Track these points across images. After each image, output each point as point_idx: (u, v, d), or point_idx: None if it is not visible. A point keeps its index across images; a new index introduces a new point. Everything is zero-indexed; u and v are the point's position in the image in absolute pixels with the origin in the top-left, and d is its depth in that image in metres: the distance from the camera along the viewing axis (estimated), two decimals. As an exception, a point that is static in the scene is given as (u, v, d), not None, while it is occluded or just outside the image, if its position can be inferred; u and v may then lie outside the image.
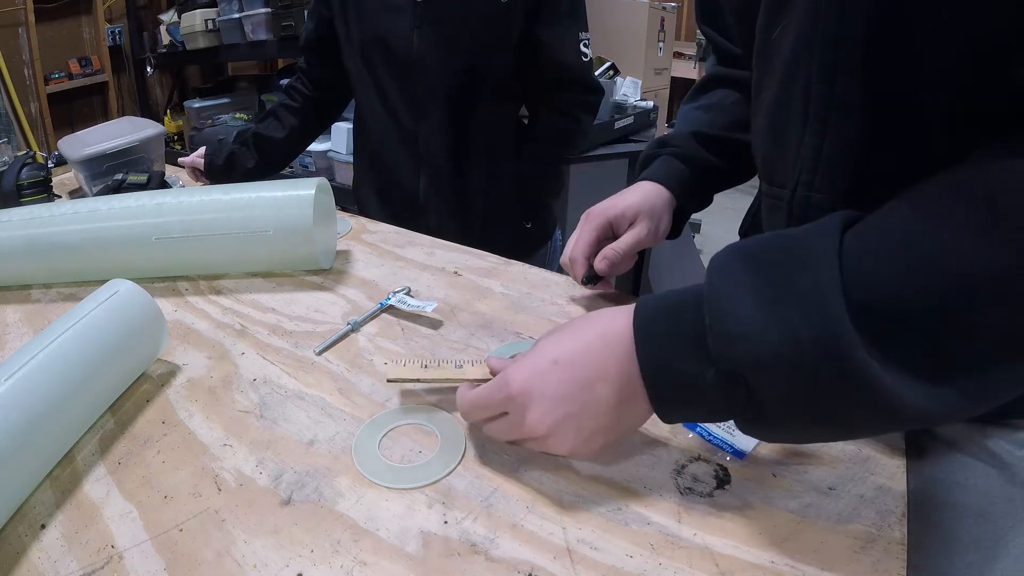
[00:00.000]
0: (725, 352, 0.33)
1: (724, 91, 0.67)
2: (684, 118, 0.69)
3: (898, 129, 0.39)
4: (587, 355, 0.39)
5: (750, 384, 0.33)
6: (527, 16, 0.99)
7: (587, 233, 0.62)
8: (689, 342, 0.34)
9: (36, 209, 0.72)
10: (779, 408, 0.33)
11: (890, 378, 0.29)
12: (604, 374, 0.38)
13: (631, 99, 2.16)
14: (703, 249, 2.79)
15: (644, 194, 0.63)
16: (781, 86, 0.44)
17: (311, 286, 0.71)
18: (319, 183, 0.70)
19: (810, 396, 0.31)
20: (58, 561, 0.37)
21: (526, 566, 0.36)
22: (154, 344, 0.55)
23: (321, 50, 1.12)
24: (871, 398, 0.30)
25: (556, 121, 1.10)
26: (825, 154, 0.42)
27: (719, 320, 0.33)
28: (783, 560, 0.36)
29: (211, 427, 0.48)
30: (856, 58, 0.38)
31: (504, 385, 0.41)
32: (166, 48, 2.82)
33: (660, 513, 0.39)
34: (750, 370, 0.32)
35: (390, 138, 1.07)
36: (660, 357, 0.36)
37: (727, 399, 0.34)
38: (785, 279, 0.32)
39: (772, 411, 0.33)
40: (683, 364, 0.35)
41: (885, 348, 0.29)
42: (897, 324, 0.30)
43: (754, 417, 0.34)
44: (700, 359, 0.34)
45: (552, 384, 0.39)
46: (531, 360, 0.41)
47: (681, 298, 0.36)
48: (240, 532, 0.39)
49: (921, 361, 0.30)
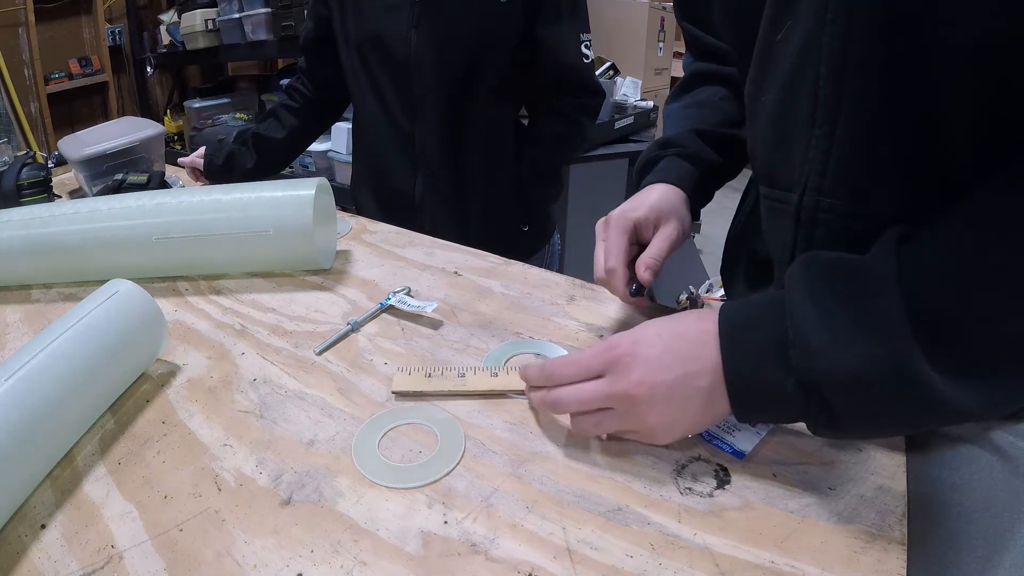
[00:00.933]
0: (805, 365, 0.36)
1: (711, 88, 0.67)
2: (676, 117, 0.67)
3: (910, 131, 0.39)
4: (687, 340, 0.41)
5: (825, 394, 0.36)
6: (527, 15, 0.99)
7: (618, 240, 0.57)
8: (772, 352, 0.37)
9: (36, 209, 0.72)
10: (850, 416, 0.36)
11: (947, 386, 0.33)
12: (701, 360, 0.40)
13: (631, 99, 2.16)
14: (703, 249, 2.79)
15: (662, 195, 0.60)
16: (785, 89, 0.44)
17: (311, 286, 0.71)
18: (319, 183, 0.70)
19: (878, 406, 0.35)
20: (58, 561, 0.37)
21: (526, 566, 0.36)
22: (154, 344, 0.55)
23: (320, 50, 1.11)
24: (930, 405, 0.34)
25: (556, 125, 1.10)
26: (835, 157, 0.42)
27: (800, 336, 0.36)
28: (783, 560, 0.36)
29: (211, 427, 0.48)
30: (866, 58, 0.38)
31: (612, 346, 0.42)
32: (166, 48, 2.82)
33: (660, 513, 0.39)
34: (827, 383, 0.35)
35: (387, 139, 1.07)
36: (744, 364, 0.39)
37: (803, 406, 0.37)
38: (856, 302, 0.35)
39: (843, 418, 0.36)
40: (766, 372, 0.38)
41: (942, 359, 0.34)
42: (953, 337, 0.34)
43: (826, 423, 0.37)
44: (781, 368, 0.37)
45: (658, 351, 0.41)
46: (637, 331, 0.43)
47: (764, 308, 0.39)
48: (240, 532, 0.39)
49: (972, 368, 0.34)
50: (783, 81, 0.44)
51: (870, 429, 0.39)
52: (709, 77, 0.67)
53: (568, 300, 0.65)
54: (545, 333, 0.59)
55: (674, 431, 0.42)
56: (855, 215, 0.43)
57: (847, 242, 0.42)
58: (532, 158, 1.10)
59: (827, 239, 0.45)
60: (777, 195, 0.48)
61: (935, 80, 0.37)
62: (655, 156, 0.65)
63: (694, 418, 0.41)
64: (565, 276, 0.70)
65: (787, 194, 0.46)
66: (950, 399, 0.33)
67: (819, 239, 0.45)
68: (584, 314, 0.62)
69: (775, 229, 0.49)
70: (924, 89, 0.37)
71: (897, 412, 0.35)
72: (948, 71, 0.36)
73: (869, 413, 0.36)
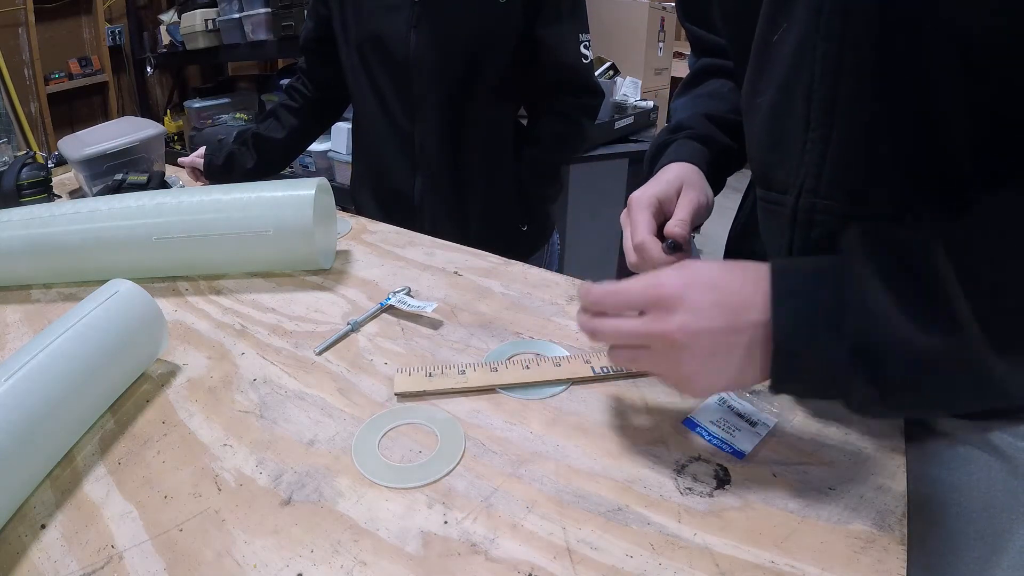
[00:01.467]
0: (862, 331, 0.35)
1: (718, 81, 0.66)
2: (683, 107, 0.67)
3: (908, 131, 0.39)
4: (738, 293, 0.39)
5: (878, 364, 0.35)
6: (526, 15, 0.99)
7: (644, 217, 0.55)
8: (827, 316, 0.36)
9: (36, 209, 0.72)
10: (898, 388, 0.35)
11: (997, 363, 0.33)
12: (749, 316, 0.38)
13: (631, 99, 2.16)
14: (703, 249, 2.79)
15: (679, 171, 0.58)
16: (780, 90, 0.44)
17: (311, 286, 0.71)
18: (319, 183, 0.70)
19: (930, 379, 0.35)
20: (58, 561, 0.37)
21: (526, 566, 0.36)
22: (154, 344, 0.55)
23: (321, 50, 1.11)
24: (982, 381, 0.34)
25: (556, 125, 1.10)
26: (830, 159, 0.42)
27: (862, 301, 0.35)
28: (783, 560, 0.36)
29: (211, 427, 0.48)
30: (861, 59, 0.38)
31: (657, 284, 0.40)
32: (166, 48, 2.82)
33: (660, 513, 0.39)
34: (883, 351, 0.34)
35: (386, 139, 1.07)
36: (796, 325, 0.37)
37: (849, 376, 0.36)
38: (917, 274, 0.35)
39: (890, 391, 0.35)
40: (818, 335, 0.36)
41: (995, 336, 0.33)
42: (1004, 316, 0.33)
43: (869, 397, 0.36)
44: (835, 333, 0.35)
45: (707, 299, 0.39)
46: (687, 272, 0.41)
47: (820, 271, 0.38)
48: (240, 532, 0.39)
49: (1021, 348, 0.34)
50: (779, 82, 0.44)
51: (913, 404, 0.38)
52: (715, 71, 0.66)
53: (568, 300, 0.65)
54: (545, 333, 0.59)
55: (704, 384, 0.40)
56: (852, 216, 0.42)
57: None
58: (532, 158, 1.10)
59: (823, 241, 0.44)
60: (773, 197, 0.48)
61: (933, 80, 0.36)
62: (666, 140, 0.63)
63: (728, 375, 0.39)
64: (565, 276, 0.70)
65: (783, 196, 0.46)
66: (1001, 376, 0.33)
67: (815, 241, 0.45)
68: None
69: (771, 231, 0.49)
70: (922, 89, 0.37)
71: (947, 386, 0.35)
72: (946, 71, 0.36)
73: (919, 386, 0.35)
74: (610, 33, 2.37)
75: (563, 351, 0.56)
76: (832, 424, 0.46)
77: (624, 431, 0.47)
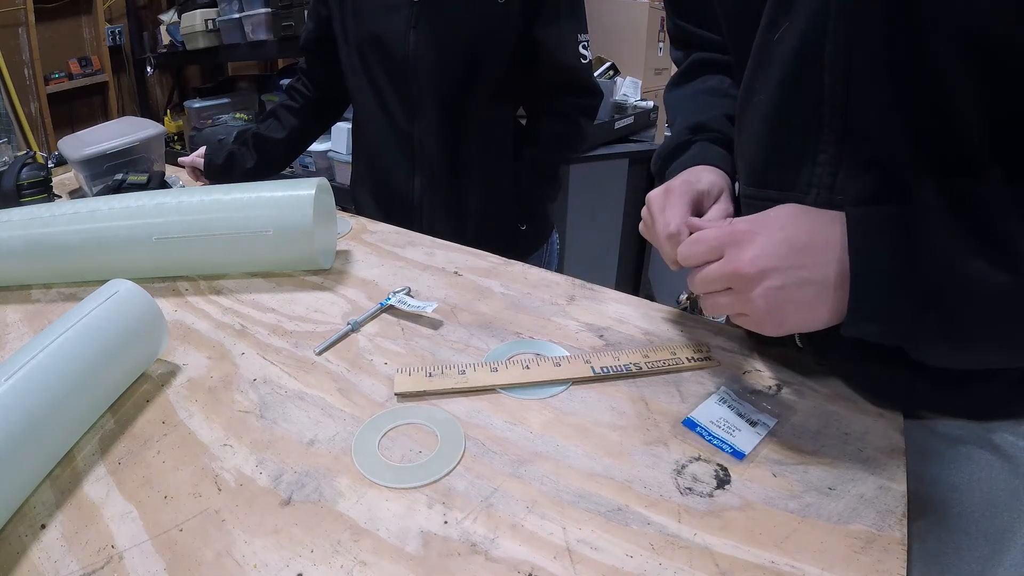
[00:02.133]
0: (936, 271, 0.35)
1: (716, 76, 0.65)
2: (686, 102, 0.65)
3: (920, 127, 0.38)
4: (810, 232, 0.40)
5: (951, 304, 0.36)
6: (525, 16, 0.99)
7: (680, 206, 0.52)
8: (901, 258, 0.37)
9: (36, 209, 0.72)
10: (971, 331, 0.36)
11: None
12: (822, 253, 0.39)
13: (631, 99, 2.16)
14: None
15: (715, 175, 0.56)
16: (780, 89, 0.44)
17: (311, 286, 0.71)
18: (319, 183, 0.70)
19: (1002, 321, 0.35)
20: (58, 561, 0.37)
21: (526, 566, 0.36)
22: (154, 344, 0.55)
23: (321, 50, 1.12)
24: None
25: (555, 125, 1.10)
26: (846, 158, 0.42)
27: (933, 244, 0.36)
28: (783, 560, 0.36)
29: (211, 427, 0.48)
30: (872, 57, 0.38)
31: (730, 226, 0.42)
32: (166, 48, 2.82)
33: (660, 513, 0.39)
34: (956, 293, 0.35)
35: (385, 138, 1.07)
36: (871, 264, 0.37)
37: (921, 314, 0.37)
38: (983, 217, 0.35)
39: (963, 334, 0.37)
40: (891, 276, 0.37)
41: None
42: None
43: (942, 334, 0.37)
44: (909, 274, 0.36)
45: (778, 236, 0.40)
46: (760, 215, 0.42)
47: (893, 215, 0.38)
48: (240, 532, 0.39)
49: None
50: (779, 81, 0.44)
51: (981, 350, 0.38)
52: (711, 65, 0.66)
53: (568, 300, 0.65)
54: (545, 333, 0.59)
55: (780, 320, 0.40)
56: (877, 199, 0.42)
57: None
58: (531, 158, 1.10)
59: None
60: (771, 195, 0.47)
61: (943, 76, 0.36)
62: (686, 140, 0.61)
63: (800, 314, 0.40)
64: (565, 276, 0.70)
65: (783, 194, 0.46)
66: None
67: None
68: (584, 314, 0.62)
69: None
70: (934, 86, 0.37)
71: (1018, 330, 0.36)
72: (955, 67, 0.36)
73: (990, 328, 0.36)
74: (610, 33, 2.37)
75: (563, 351, 0.56)
76: (832, 424, 0.46)
77: (624, 431, 0.47)
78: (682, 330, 0.59)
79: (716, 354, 0.55)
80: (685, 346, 0.55)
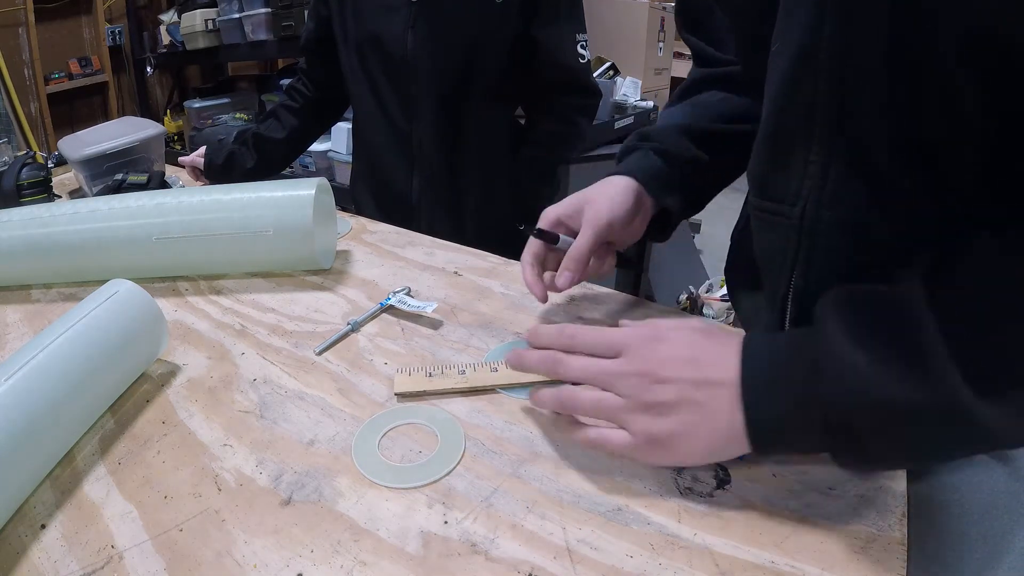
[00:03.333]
0: (838, 399, 0.34)
1: (710, 91, 0.65)
2: (669, 116, 0.65)
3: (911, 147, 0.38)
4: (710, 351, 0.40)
5: (857, 429, 0.34)
6: (523, 16, 0.99)
7: (532, 247, 0.57)
8: (798, 389, 0.36)
9: (36, 209, 0.72)
10: (885, 449, 0.35)
11: (993, 417, 0.31)
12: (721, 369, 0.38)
13: (631, 99, 2.16)
14: (703, 249, 2.79)
15: (602, 186, 0.58)
16: (776, 101, 0.43)
17: (311, 286, 0.71)
18: (319, 183, 0.70)
19: (916, 437, 0.34)
20: (58, 561, 0.37)
21: (526, 566, 0.36)
22: (154, 344, 0.55)
23: (321, 50, 1.12)
24: (974, 434, 0.32)
25: (553, 126, 1.10)
26: (833, 173, 0.41)
27: (835, 368, 0.34)
28: (783, 560, 0.36)
29: (211, 427, 0.48)
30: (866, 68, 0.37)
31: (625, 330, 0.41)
32: (166, 48, 2.82)
33: (660, 513, 0.39)
34: (861, 417, 0.34)
35: (384, 138, 1.07)
36: (767, 404, 0.37)
37: (830, 440, 0.35)
38: (891, 333, 0.34)
39: (876, 452, 0.35)
40: (790, 410, 0.36)
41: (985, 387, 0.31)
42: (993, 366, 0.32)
43: (856, 457, 0.36)
44: (809, 404, 0.35)
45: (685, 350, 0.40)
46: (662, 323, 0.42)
47: (788, 344, 0.38)
48: (240, 532, 0.39)
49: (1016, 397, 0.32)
50: (775, 93, 0.43)
51: (905, 460, 0.37)
52: (710, 82, 0.65)
53: (568, 300, 0.65)
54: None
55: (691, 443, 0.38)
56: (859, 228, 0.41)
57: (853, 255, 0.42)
58: (529, 158, 1.10)
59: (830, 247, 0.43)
60: (769, 207, 0.46)
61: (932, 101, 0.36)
62: (632, 146, 0.62)
63: (713, 436, 0.38)
64: (565, 276, 0.70)
65: (780, 206, 0.45)
66: (995, 426, 0.32)
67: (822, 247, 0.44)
68: (584, 314, 0.62)
69: (769, 241, 0.48)
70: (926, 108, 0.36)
71: (939, 444, 0.34)
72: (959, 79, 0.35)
73: (905, 445, 0.34)
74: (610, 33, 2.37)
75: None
76: (832, 424, 0.46)
77: (624, 431, 0.46)
78: (682, 330, 0.59)
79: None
80: (685, 346, 0.55)
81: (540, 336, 0.45)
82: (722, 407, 0.38)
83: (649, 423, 0.39)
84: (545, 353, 0.44)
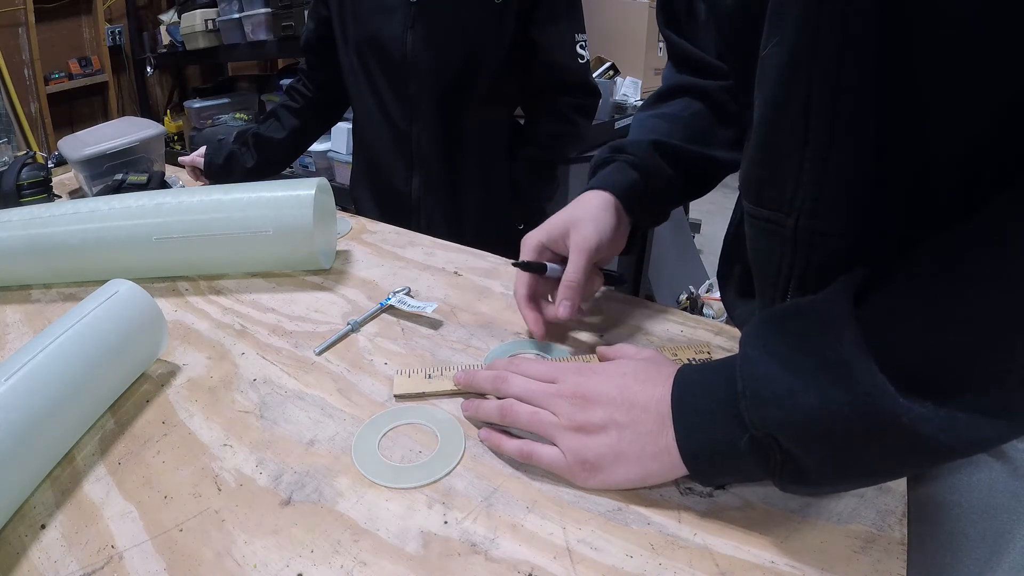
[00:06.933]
0: (759, 418, 0.34)
1: (684, 100, 0.64)
2: (640, 125, 0.64)
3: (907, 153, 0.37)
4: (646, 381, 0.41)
5: (784, 447, 0.34)
6: (522, 16, 0.99)
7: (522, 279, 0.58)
8: (723, 412, 0.36)
9: (36, 209, 0.72)
10: (819, 467, 0.34)
11: (930, 422, 0.30)
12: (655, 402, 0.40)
13: (631, 99, 2.16)
14: (703, 249, 2.79)
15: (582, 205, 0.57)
16: (768, 106, 0.42)
17: (311, 286, 0.71)
18: (319, 183, 0.70)
19: (850, 450, 0.32)
20: (58, 561, 0.37)
21: (526, 566, 0.36)
22: (154, 344, 0.55)
23: (321, 51, 1.12)
24: (912, 444, 0.31)
25: (552, 126, 1.10)
26: (829, 180, 0.40)
27: (752, 387, 0.34)
28: (783, 560, 0.36)
29: (211, 427, 0.48)
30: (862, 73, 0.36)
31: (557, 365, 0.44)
32: (166, 48, 2.82)
33: (660, 513, 0.39)
34: (785, 434, 0.33)
35: (384, 138, 1.07)
36: (696, 430, 0.37)
37: (763, 463, 0.35)
38: (810, 344, 0.33)
39: (812, 470, 0.34)
40: (717, 434, 0.36)
41: (917, 392, 0.30)
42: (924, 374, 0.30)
43: (793, 478, 0.35)
44: (734, 427, 0.35)
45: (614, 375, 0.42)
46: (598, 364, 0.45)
47: (717, 368, 0.38)
48: (240, 532, 0.39)
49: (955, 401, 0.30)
50: (768, 97, 0.42)
51: (844, 478, 0.35)
52: (685, 90, 0.64)
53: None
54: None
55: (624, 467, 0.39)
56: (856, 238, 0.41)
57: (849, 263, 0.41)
58: (528, 158, 1.10)
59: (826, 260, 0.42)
60: (763, 214, 0.45)
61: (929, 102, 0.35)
62: (606, 158, 0.62)
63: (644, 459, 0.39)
64: (565, 276, 0.70)
65: (774, 214, 0.44)
66: (932, 434, 0.30)
67: (816, 261, 0.43)
68: (584, 314, 0.62)
69: (765, 250, 0.47)
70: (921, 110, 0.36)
71: (874, 455, 0.33)
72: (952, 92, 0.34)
73: (840, 460, 0.33)
74: (610, 33, 2.37)
75: (563, 351, 0.56)
76: (832, 424, 0.46)
77: (624, 431, 0.46)
78: (682, 330, 0.59)
79: (716, 354, 0.55)
80: (686, 346, 0.55)
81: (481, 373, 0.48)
82: (650, 430, 0.39)
83: (579, 443, 0.40)
84: (492, 372, 0.47)
